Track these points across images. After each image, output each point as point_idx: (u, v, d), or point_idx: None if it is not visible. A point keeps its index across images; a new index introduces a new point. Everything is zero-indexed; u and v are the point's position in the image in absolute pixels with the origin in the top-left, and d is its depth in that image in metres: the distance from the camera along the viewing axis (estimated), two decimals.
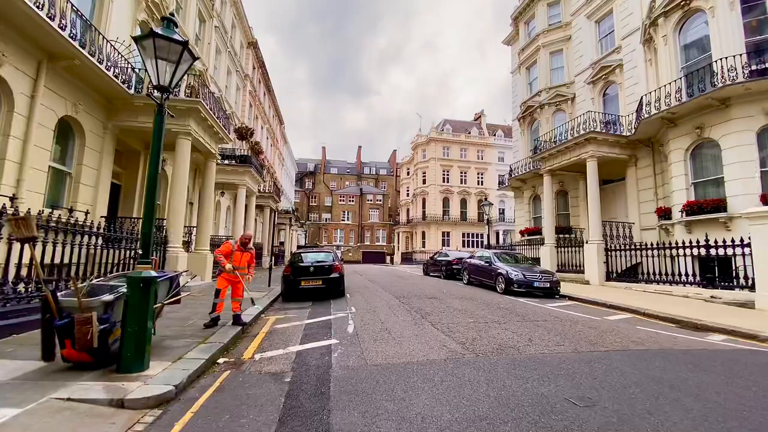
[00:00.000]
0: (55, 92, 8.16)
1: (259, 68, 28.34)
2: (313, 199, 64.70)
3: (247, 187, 17.80)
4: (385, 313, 7.80)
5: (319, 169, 68.19)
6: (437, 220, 45.27)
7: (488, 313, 7.88)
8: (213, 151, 12.58)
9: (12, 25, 6.86)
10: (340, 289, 10.28)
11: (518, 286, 11.07)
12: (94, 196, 9.72)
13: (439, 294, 11.09)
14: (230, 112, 21.24)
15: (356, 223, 61.54)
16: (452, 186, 46.65)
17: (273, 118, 35.46)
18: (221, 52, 20.17)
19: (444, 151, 47.33)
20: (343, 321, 7.13)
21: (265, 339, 5.93)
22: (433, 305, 8.86)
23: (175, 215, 10.28)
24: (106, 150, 10.06)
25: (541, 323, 6.94)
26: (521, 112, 22.17)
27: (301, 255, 10.82)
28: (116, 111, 10.09)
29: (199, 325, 6.19)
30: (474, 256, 15.12)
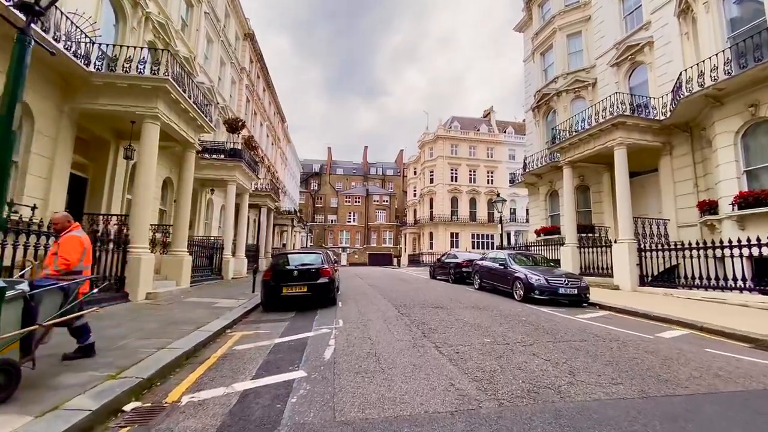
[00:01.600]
0: None
1: (257, 62, 27.14)
2: (319, 201, 63.51)
3: (238, 183, 16.45)
4: (378, 330, 6.27)
5: (324, 170, 67.02)
6: (445, 221, 43.60)
7: (508, 330, 6.29)
8: (191, 140, 11.23)
9: None
10: (329, 297, 8.79)
11: (540, 293, 9.44)
12: (47, 189, 8.40)
13: (446, 302, 9.52)
14: (223, 105, 20.03)
15: (362, 224, 60.14)
16: (461, 185, 44.93)
17: (274, 116, 34.28)
18: (213, 42, 18.95)
19: (452, 149, 45.66)
20: (323, 340, 5.62)
21: (212, 368, 4.45)
22: (439, 317, 7.30)
23: (140, 210, 8.92)
24: (62, 137, 8.75)
25: (578, 344, 5.34)
26: (535, 102, 20.48)
27: (285, 257, 9.35)
28: (73, 92, 8.78)
29: (132, 347, 4.74)
30: (486, 258, 13.51)
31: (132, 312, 7.11)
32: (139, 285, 8.50)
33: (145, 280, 8.70)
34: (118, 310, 7.15)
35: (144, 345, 4.90)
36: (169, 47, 13.84)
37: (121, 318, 6.48)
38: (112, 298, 7.96)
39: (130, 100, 8.97)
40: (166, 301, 8.67)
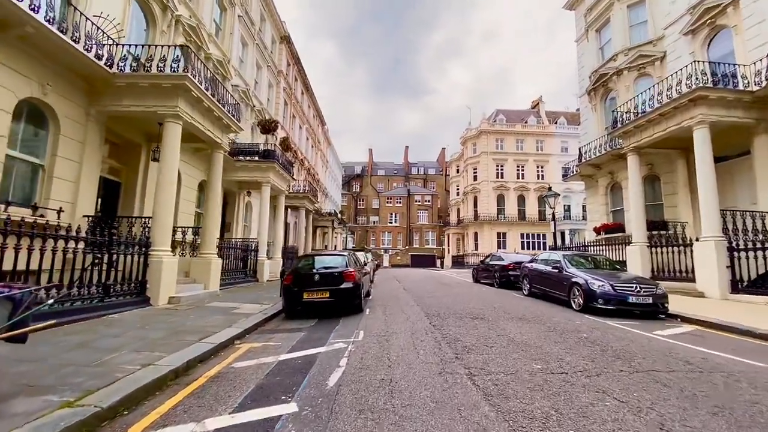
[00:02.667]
0: (12, 68, 6.84)
1: (294, 65, 27.26)
2: (361, 202, 63.55)
3: (272, 184, 16.23)
4: (401, 346, 5.29)
5: (366, 171, 67.01)
6: (491, 220, 41.34)
7: (565, 351, 5.02)
8: (218, 140, 10.98)
9: None
10: (354, 303, 7.95)
11: (605, 302, 7.90)
12: (75, 193, 8.41)
13: (488, 311, 8.29)
14: (260, 108, 20.09)
15: (404, 225, 59.19)
16: (507, 182, 42.42)
17: (314, 118, 34.44)
18: (247, 45, 19.04)
19: (497, 143, 43.28)
20: (334, 358, 4.75)
21: (195, 393, 3.74)
22: (478, 332, 6.15)
23: (162, 212, 8.68)
24: (90, 140, 8.75)
25: (665, 377, 3.99)
26: (591, 84, 18.31)
27: (307, 259, 8.65)
28: (98, 95, 8.76)
29: (115, 363, 4.19)
30: (537, 260, 11.98)
31: (145, 318, 6.74)
32: (161, 289, 8.23)
33: (166, 283, 8.43)
34: (131, 317, 6.82)
35: (132, 360, 4.33)
36: (201, 50, 13.92)
37: (129, 326, 6.09)
38: (133, 302, 7.73)
39: (152, 99, 8.79)
40: (187, 306, 8.33)
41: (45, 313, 5.47)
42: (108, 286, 7.05)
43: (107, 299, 7.03)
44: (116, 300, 7.27)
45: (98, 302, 6.82)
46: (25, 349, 4.52)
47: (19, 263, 5.45)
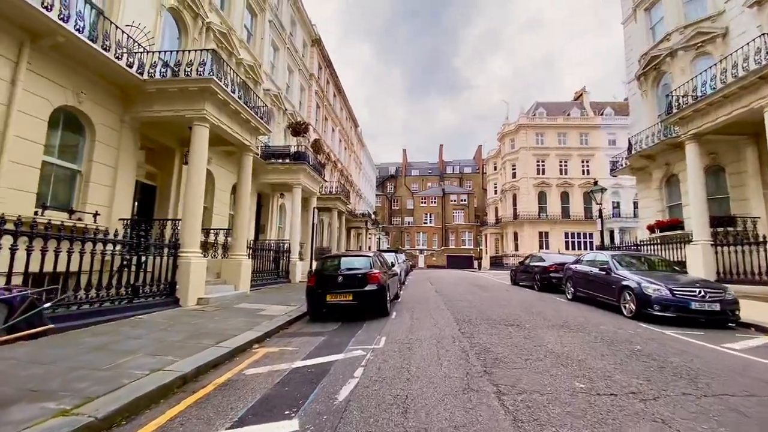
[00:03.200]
0: (46, 78, 7.16)
1: (325, 68, 27.46)
2: (395, 203, 63.25)
3: (303, 186, 16.28)
4: (424, 356, 4.84)
5: (400, 172, 66.64)
6: (532, 219, 39.43)
7: (614, 366, 4.34)
8: (247, 143, 11.06)
9: None
10: (379, 306, 7.59)
11: (662, 308, 6.96)
12: (111, 197, 8.73)
13: (525, 317, 7.59)
14: (292, 111, 20.34)
15: (439, 225, 58.13)
16: (549, 178, 40.28)
17: (346, 120, 34.60)
18: (279, 49, 19.33)
19: (537, 138, 41.25)
20: (350, 368, 4.40)
21: (198, 403, 3.54)
22: (512, 341, 5.55)
23: (190, 214, 8.80)
24: (125, 146, 9.07)
25: (743, 404, 3.25)
26: (641, 68, 16.73)
27: (330, 260, 8.40)
28: (131, 101, 9.06)
29: (126, 367, 4.09)
30: (582, 261, 11.01)
31: (170, 320, 6.77)
32: (189, 290, 8.33)
33: (195, 284, 8.52)
34: (158, 318, 6.88)
35: (144, 364, 4.23)
36: (232, 56, 14.22)
37: (153, 327, 6.11)
38: (163, 303, 7.85)
39: (181, 104, 8.95)
40: (215, 307, 8.36)
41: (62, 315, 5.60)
42: (137, 287, 7.18)
43: (136, 300, 7.16)
44: (146, 301, 7.40)
45: (127, 303, 6.96)
46: (45, 351, 4.57)
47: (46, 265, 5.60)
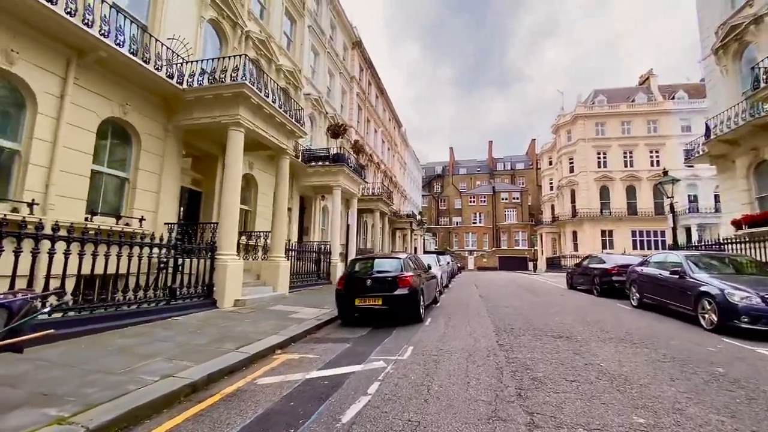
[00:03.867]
0: (93, 92, 7.64)
1: (367, 69, 27.46)
2: (442, 203, 61.94)
3: (343, 188, 16.22)
4: (450, 372, 4.28)
5: (447, 171, 65.20)
6: (593, 216, 36.31)
7: (687, 397, 3.48)
8: (283, 146, 11.15)
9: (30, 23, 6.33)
10: (411, 312, 7.10)
11: (752, 320, 5.72)
12: (156, 202, 9.17)
13: (579, 328, 6.67)
14: (333, 114, 20.47)
15: (490, 225, 55.85)
16: (611, 171, 36.86)
17: (389, 121, 34.41)
18: (319, 54, 19.56)
19: (597, 128, 37.95)
20: (365, 382, 3.99)
21: (197, 416, 3.33)
22: (558, 357, 4.79)
23: (227, 217, 8.96)
24: (168, 153, 9.49)
25: None
26: (719, 40, 14.49)
27: (360, 263, 8.06)
28: (173, 110, 9.46)
29: (141, 372, 4.04)
30: (649, 262, 9.64)
31: (203, 322, 6.85)
32: (225, 292, 8.45)
33: (232, 286, 8.64)
34: (192, 320, 7.00)
35: (158, 369, 4.16)
36: (271, 62, 14.54)
37: (183, 330, 6.17)
38: (201, 305, 8.03)
39: (217, 110, 9.18)
40: (250, 309, 8.41)
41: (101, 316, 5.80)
42: (174, 289, 7.38)
43: (174, 302, 7.36)
44: (183, 302, 7.60)
45: (165, 305, 7.17)
46: (75, 352, 4.71)
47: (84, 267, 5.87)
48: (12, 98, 6.54)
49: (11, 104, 6.55)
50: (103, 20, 7.23)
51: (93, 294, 5.82)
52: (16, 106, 6.59)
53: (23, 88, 6.54)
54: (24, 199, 6.39)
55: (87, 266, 5.76)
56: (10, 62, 6.23)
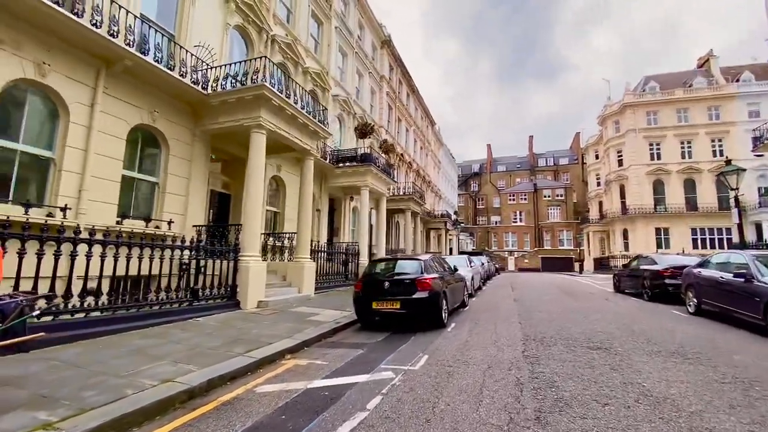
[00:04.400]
0: (122, 100, 7.96)
1: (397, 68, 27.16)
2: (480, 201, 60.16)
3: (371, 188, 16.01)
4: (462, 387, 3.85)
5: (484, 168, 63.27)
6: (645, 213, 33.49)
7: (754, 429, 2.82)
8: (307, 147, 11.10)
9: (59, 35, 6.68)
10: (431, 316, 6.68)
11: None
12: (185, 205, 9.44)
13: (621, 337, 5.92)
14: (362, 114, 20.37)
15: (531, 224, 53.40)
16: (667, 164, 33.80)
17: (421, 120, 33.86)
18: (347, 55, 19.54)
19: (649, 117, 34.99)
20: (367, 396, 3.67)
21: (185, 426, 3.19)
22: (592, 374, 4.18)
23: (249, 219, 9.01)
24: (196, 157, 9.75)
25: None
26: None
27: (378, 264, 7.74)
28: (200, 115, 9.70)
29: (143, 376, 3.99)
30: (709, 263, 8.51)
31: (222, 324, 6.87)
32: (248, 293, 8.49)
33: (255, 288, 8.67)
34: (212, 321, 7.04)
35: (159, 373, 4.10)
36: (298, 65, 14.66)
37: (200, 331, 6.19)
38: (224, 305, 8.11)
39: (240, 113, 9.28)
40: (271, 311, 8.38)
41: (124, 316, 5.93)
42: (196, 290, 7.48)
43: (196, 303, 7.46)
44: (206, 303, 7.69)
45: (187, 306, 7.28)
46: (90, 353, 4.80)
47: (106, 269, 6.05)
48: (46, 109, 6.91)
49: (46, 115, 6.93)
50: (128, 30, 7.50)
51: (116, 295, 5.97)
52: (50, 117, 6.97)
53: (56, 99, 6.91)
54: (58, 204, 6.74)
55: (108, 268, 5.93)
56: (42, 75, 6.58)
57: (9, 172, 6.40)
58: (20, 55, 6.28)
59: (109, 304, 5.88)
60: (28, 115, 6.65)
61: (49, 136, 6.95)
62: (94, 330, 5.48)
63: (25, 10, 6.06)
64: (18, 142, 6.48)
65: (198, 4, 10.07)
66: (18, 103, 6.52)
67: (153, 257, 6.66)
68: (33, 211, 6.31)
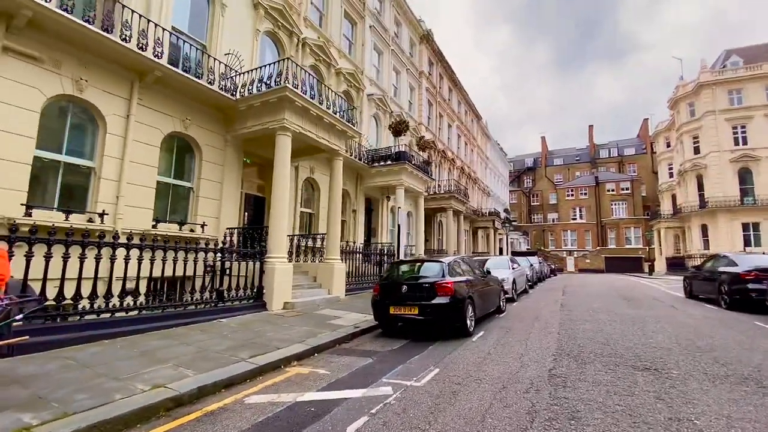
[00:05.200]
0: (155, 110, 8.36)
1: (438, 63, 26.38)
2: (535, 198, 56.78)
3: (407, 186, 15.58)
4: (463, 412, 3.33)
5: (539, 162, 59.65)
6: (729, 206, 29.25)
7: None
8: (335, 147, 10.98)
9: (92, 52, 7.15)
10: (455, 323, 6.13)
11: None
12: (218, 209, 9.75)
13: (680, 356, 4.94)
14: (399, 112, 19.99)
15: (593, 220, 49.28)
16: (755, 149, 29.22)
17: (465, 115, 32.64)
18: (383, 53, 19.30)
19: (731, 97, 30.52)
20: (350, 416, 3.31)
21: None
22: (628, 403, 3.44)
23: (275, 221, 9.05)
24: (228, 161, 10.05)
25: None
26: None
27: (398, 266, 7.30)
28: (231, 121, 9.97)
29: (141, 380, 3.98)
30: None
31: (241, 325, 6.89)
32: (274, 295, 8.50)
33: (280, 289, 8.67)
34: (233, 323, 7.09)
35: (155, 378, 4.07)
36: (331, 66, 14.67)
37: (218, 333, 6.23)
38: (250, 306, 8.20)
39: (266, 116, 9.37)
40: (295, 313, 8.32)
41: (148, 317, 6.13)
42: (221, 292, 7.62)
43: (221, 304, 7.59)
44: (231, 305, 7.81)
45: (212, 307, 7.42)
46: (104, 352, 4.96)
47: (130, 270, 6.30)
48: (85, 122, 7.43)
49: (85, 127, 7.45)
50: (157, 42, 7.85)
51: (139, 296, 6.20)
52: (89, 128, 7.48)
53: (94, 112, 7.40)
54: (97, 210, 7.21)
55: (132, 271, 6.17)
56: (80, 90, 7.07)
57: (54, 182, 6.96)
58: (59, 73, 6.79)
59: (134, 305, 6.12)
60: (69, 128, 7.19)
61: (90, 147, 7.46)
62: (118, 330, 5.70)
63: (63, 30, 6.53)
64: (62, 153, 7.03)
65: (227, 13, 10.38)
66: (60, 118, 7.07)
67: (177, 260, 6.84)
68: (75, 217, 6.81)
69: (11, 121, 6.19)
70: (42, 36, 6.50)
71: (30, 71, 6.43)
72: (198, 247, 7.41)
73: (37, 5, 5.97)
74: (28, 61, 6.40)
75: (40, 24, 6.32)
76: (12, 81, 6.21)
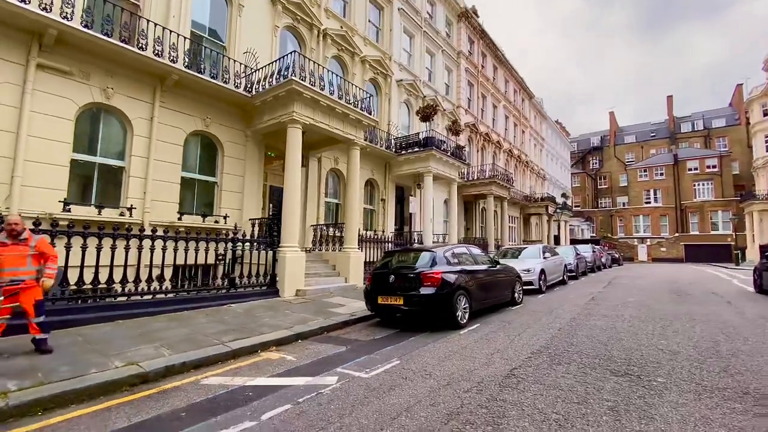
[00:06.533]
0: (177, 111, 9.05)
1: (479, 40, 24.96)
2: (602, 181, 51.85)
3: (435, 173, 15.15)
4: (378, 411, 3.22)
5: (606, 141, 54.19)
6: None
7: None
8: (350, 137, 10.98)
9: (117, 62, 7.93)
10: (443, 315, 5.91)
11: None
12: (241, 201, 10.36)
13: (681, 363, 4.27)
14: (433, 96, 19.37)
15: (671, 204, 43.79)
16: None
17: (514, 94, 30.61)
18: (414, 36, 18.75)
19: None
20: (270, 405, 3.38)
21: (94, 413, 3.39)
22: (574, 414, 3.05)
23: (289, 211, 9.37)
24: (249, 156, 10.59)
25: None
26: None
27: (389, 256, 7.14)
28: (250, 117, 10.45)
29: (122, 357, 4.45)
30: None
31: (247, 311, 7.30)
32: (286, 282, 8.88)
33: (293, 277, 9.02)
34: (239, 309, 7.52)
35: (137, 356, 4.47)
36: (355, 55, 14.61)
37: (220, 318, 6.67)
38: (264, 293, 8.65)
39: (279, 110, 9.67)
40: (304, 300, 8.62)
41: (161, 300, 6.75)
42: (233, 278, 8.14)
43: (233, 290, 8.11)
44: (244, 291, 8.31)
45: (224, 292, 7.97)
46: (112, 331, 5.56)
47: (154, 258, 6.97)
48: (115, 126, 8.29)
49: (115, 131, 8.32)
50: (172, 48, 8.45)
51: (152, 282, 6.86)
52: (119, 132, 8.34)
53: (121, 117, 8.22)
54: (127, 205, 8.08)
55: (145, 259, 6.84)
56: (108, 97, 7.90)
57: (89, 181, 7.92)
58: (88, 83, 7.64)
59: (148, 289, 6.80)
60: (102, 133, 8.09)
61: (120, 148, 8.34)
62: (132, 312, 6.38)
63: (87, 45, 7.31)
64: (95, 155, 7.95)
65: (245, 12, 10.80)
66: (92, 123, 7.97)
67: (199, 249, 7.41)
68: (107, 212, 7.70)
69: (50, 129, 7.12)
70: (70, 51, 7.34)
71: (63, 84, 7.32)
72: (210, 237, 7.96)
73: (60, 24, 6.74)
74: (61, 75, 7.28)
75: (66, 41, 7.14)
76: (48, 94, 7.13)
